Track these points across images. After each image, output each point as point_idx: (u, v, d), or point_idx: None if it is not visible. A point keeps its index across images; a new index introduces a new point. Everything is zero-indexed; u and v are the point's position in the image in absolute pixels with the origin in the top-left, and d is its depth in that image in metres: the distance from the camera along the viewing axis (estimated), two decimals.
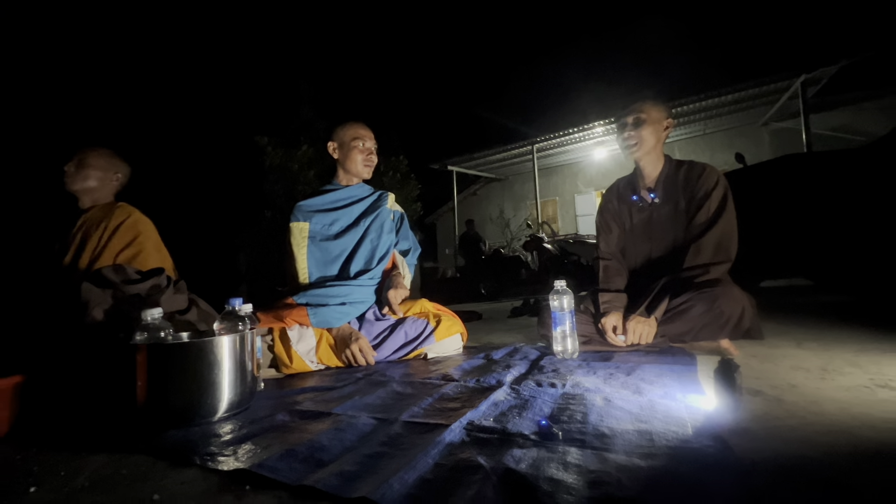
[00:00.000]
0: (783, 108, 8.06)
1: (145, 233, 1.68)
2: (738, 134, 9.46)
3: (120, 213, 1.69)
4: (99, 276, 1.05)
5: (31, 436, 0.87)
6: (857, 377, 0.94)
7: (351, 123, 1.79)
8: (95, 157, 1.67)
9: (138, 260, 1.60)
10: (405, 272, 1.76)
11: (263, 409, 0.99)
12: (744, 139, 9.37)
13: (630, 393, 0.92)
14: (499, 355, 1.44)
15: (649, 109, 1.51)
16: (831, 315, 1.89)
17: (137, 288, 1.06)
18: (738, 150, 9.19)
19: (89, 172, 1.65)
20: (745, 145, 9.26)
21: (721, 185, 1.45)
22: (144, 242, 1.65)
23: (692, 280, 1.31)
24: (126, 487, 0.64)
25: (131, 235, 1.64)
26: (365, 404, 0.97)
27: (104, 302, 1.02)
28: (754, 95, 7.58)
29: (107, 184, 1.72)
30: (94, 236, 1.63)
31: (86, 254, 1.61)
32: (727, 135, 9.63)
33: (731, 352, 1.22)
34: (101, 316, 1.00)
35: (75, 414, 0.93)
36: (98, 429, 0.88)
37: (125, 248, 1.62)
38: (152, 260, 1.64)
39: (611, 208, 1.69)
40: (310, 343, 1.45)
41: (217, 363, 0.93)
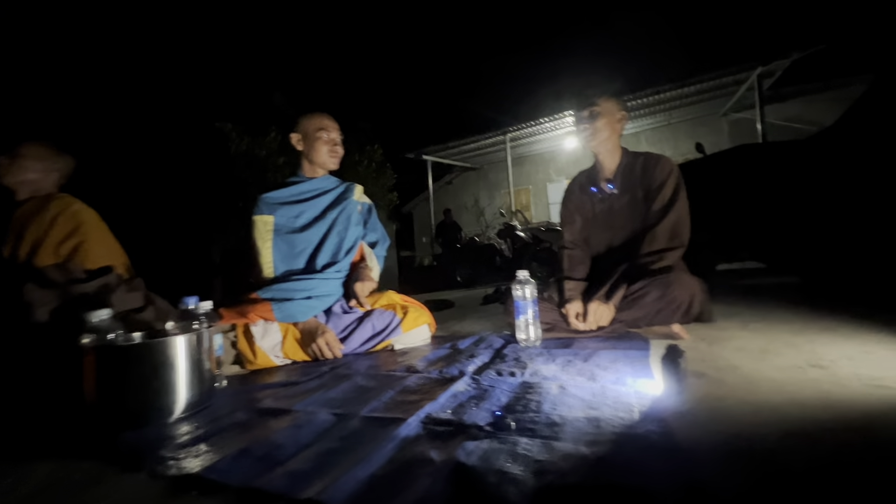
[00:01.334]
0: (741, 100, 8.38)
1: (87, 223, 1.59)
2: (701, 124, 9.79)
3: (58, 203, 1.59)
4: (42, 275, 0.99)
5: None
6: (792, 357, 1.01)
7: (315, 114, 1.75)
8: (31, 150, 1.57)
9: (81, 251, 1.52)
10: (373, 264, 1.75)
11: (223, 407, 0.97)
12: (705, 129, 9.72)
13: (585, 379, 0.96)
14: (464, 345, 1.46)
15: (603, 103, 1.55)
16: (777, 296, 2.01)
17: (84, 288, 1.01)
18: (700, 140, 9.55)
19: (25, 164, 1.55)
20: (707, 134, 9.61)
21: (674, 174, 1.50)
22: (87, 233, 1.56)
23: (648, 267, 1.37)
24: (74, 495, 0.62)
25: (71, 226, 1.56)
26: (326, 399, 0.97)
27: (49, 302, 0.97)
28: (714, 87, 7.86)
29: (46, 176, 1.62)
30: (32, 228, 1.54)
31: (24, 247, 1.52)
32: (690, 124, 9.95)
33: (682, 336, 1.28)
34: (47, 317, 0.96)
35: (24, 418, 0.89)
36: (49, 433, 0.85)
37: (66, 239, 1.53)
38: (96, 251, 1.56)
39: (574, 199, 1.73)
40: (275, 338, 1.42)
41: (170, 364, 0.91)
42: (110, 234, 1.72)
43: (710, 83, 7.74)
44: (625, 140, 1.61)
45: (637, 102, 8.65)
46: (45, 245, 1.50)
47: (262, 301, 1.45)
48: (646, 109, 9.19)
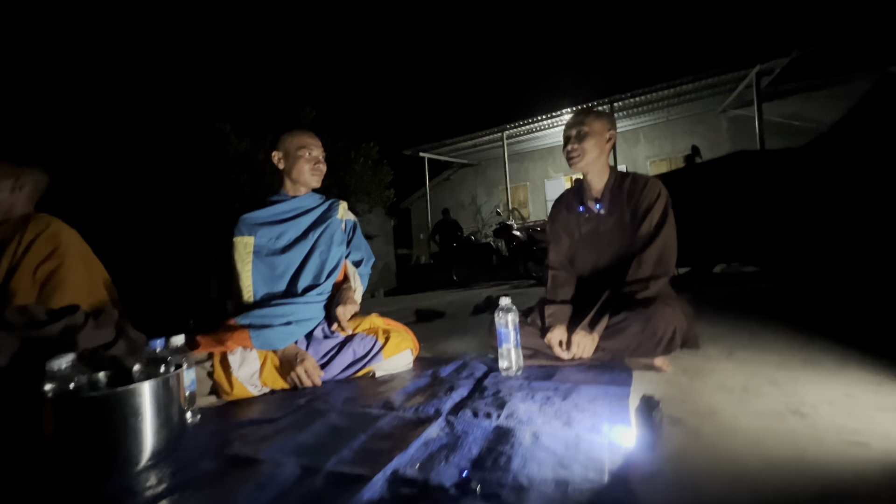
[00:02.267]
0: (740, 97, 8.32)
1: (66, 243, 1.56)
2: (699, 121, 9.73)
3: (36, 224, 1.57)
4: (2, 319, 0.97)
5: None
6: (773, 399, 0.99)
7: (296, 132, 1.72)
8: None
9: (59, 273, 1.50)
10: (356, 284, 1.72)
11: (191, 452, 0.95)
12: (704, 126, 9.66)
13: (560, 424, 0.94)
14: (446, 372, 1.44)
15: (592, 122, 1.51)
16: (764, 311, 1.99)
17: (46, 331, 0.99)
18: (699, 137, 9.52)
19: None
20: (705, 131, 9.57)
21: (662, 197, 1.47)
22: (65, 254, 1.53)
23: (632, 295, 1.34)
24: None
25: (50, 247, 1.53)
26: (297, 444, 0.94)
27: (10, 346, 0.95)
28: (713, 84, 7.80)
29: (14, 195, 1.58)
30: (9, 251, 1.51)
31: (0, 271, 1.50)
32: (689, 121, 9.89)
33: (664, 368, 1.26)
34: (6, 361, 0.93)
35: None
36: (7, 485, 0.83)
37: (44, 261, 1.51)
38: (75, 274, 1.54)
39: (560, 218, 1.70)
40: (253, 366, 1.40)
41: (135, 413, 0.88)
42: (91, 253, 1.69)
43: (708, 80, 7.67)
44: (623, 137, 1.60)
45: (635, 100, 8.59)
46: (21, 269, 1.47)
47: (239, 328, 1.42)
48: (644, 106, 9.13)
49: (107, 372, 1.01)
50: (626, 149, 10.65)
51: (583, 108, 1.60)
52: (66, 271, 1.52)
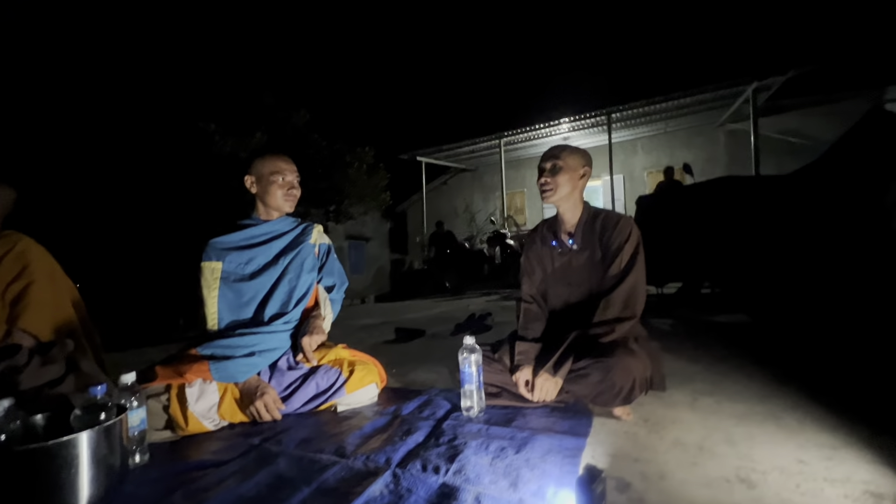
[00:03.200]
0: (738, 111, 8.33)
1: (34, 261, 1.55)
2: (697, 133, 9.74)
3: (4, 243, 1.55)
4: None
5: None
6: (725, 462, 0.97)
7: (269, 156, 1.69)
8: None
9: (29, 293, 1.48)
10: (326, 312, 1.70)
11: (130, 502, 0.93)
12: (702, 138, 9.67)
13: (507, 486, 0.92)
14: (408, 409, 1.42)
15: (567, 157, 1.50)
16: (739, 350, 1.97)
17: None
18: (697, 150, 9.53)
19: None
20: (703, 144, 9.58)
21: (633, 238, 1.46)
22: (34, 273, 1.52)
23: (597, 339, 1.33)
24: None
25: (19, 266, 1.51)
26: (235, 498, 0.93)
27: None
28: (711, 99, 7.81)
29: None
30: None
31: None
32: (687, 133, 9.90)
33: (624, 417, 1.25)
34: None
35: None
36: None
37: (13, 281, 1.49)
38: (44, 291, 1.52)
39: (534, 250, 1.69)
40: (211, 399, 1.38)
41: (69, 465, 0.86)
42: (59, 270, 1.67)
43: (706, 95, 7.68)
44: (621, 148, 1.59)
45: (634, 112, 8.59)
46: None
47: (200, 359, 1.40)
48: (642, 118, 9.14)
49: (45, 414, 0.98)
50: (623, 159, 10.65)
51: (559, 145, 1.59)
52: (35, 290, 1.50)
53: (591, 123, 9.30)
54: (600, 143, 10.13)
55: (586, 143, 10.49)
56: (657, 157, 10.54)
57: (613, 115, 8.70)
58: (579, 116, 8.88)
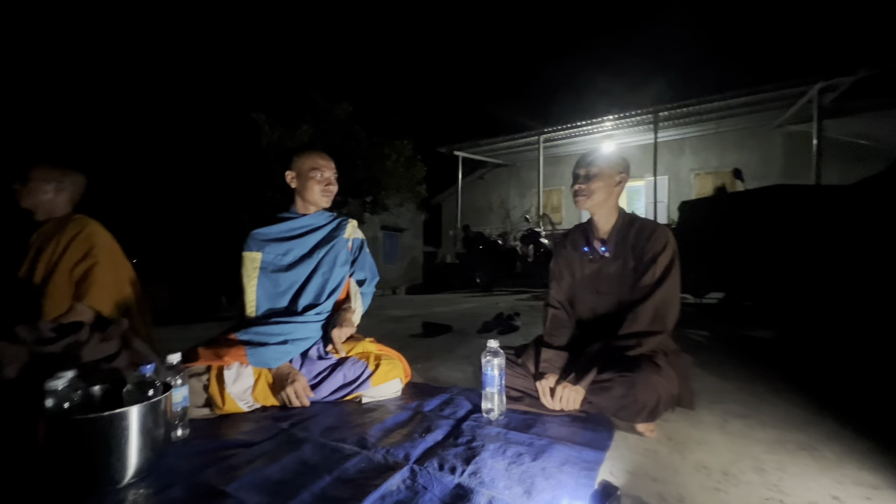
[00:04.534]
0: (798, 113, 7.76)
1: (99, 245, 1.70)
2: (751, 134, 9.16)
3: (74, 226, 1.71)
4: (13, 334, 1.06)
5: None
6: (751, 491, 0.94)
7: (309, 153, 1.76)
8: (39, 172, 1.68)
9: (93, 273, 1.63)
10: (356, 305, 1.75)
11: (167, 475, 1.01)
12: (756, 140, 9.09)
13: (521, 492, 0.93)
14: (430, 406, 1.45)
15: (602, 164, 1.47)
16: (778, 371, 1.86)
17: (52, 348, 1.07)
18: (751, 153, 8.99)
19: (36, 187, 1.66)
20: (757, 147, 9.01)
21: (669, 249, 1.41)
22: (98, 255, 1.67)
23: (623, 351, 1.30)
24: None
25: (85, 248, 1.67)
26: (263, 479, 0.99)
27: (19, 359, 1.04)
28: (770, 99, 7.31)
29: (57, 196, 1.72)
30: (48, 250, 1.66)
31: (40, 267, 1.64)
32: (740, 134, 9.33)
33: (647, 434, 1.22)
34: (15, 374, 1.02)
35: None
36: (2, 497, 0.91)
37: (80, 261, 1.64)
38: (106, 272, 1.67)
39: (565, 255, 1.67)
40: (247, 382, 1.47)
41: (120, 435, 0.95)
42: (120, 253, 1.82)
43: (765, 94, 7.20)
44: (667, 147, 1.55)
45: (683, 111, 8.19)
46: (59, 268, 1.61)
47: (237, 343, 1.49)
48: (692, 117, 8.70)
49: (103, 386, 1.08)
50: (669, 159, 10.19)
51: (594, 150, 1.56)
52: (99, 271, 1.65)
53: (637, 122, 8.95)
54: (645, 141, 9.75)
55: (630, 141, 10.12)
56: (705, 159, 10.02)
57: (661, 114, 8.33)
58: (624, 114, 8.57)
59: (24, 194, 1.69)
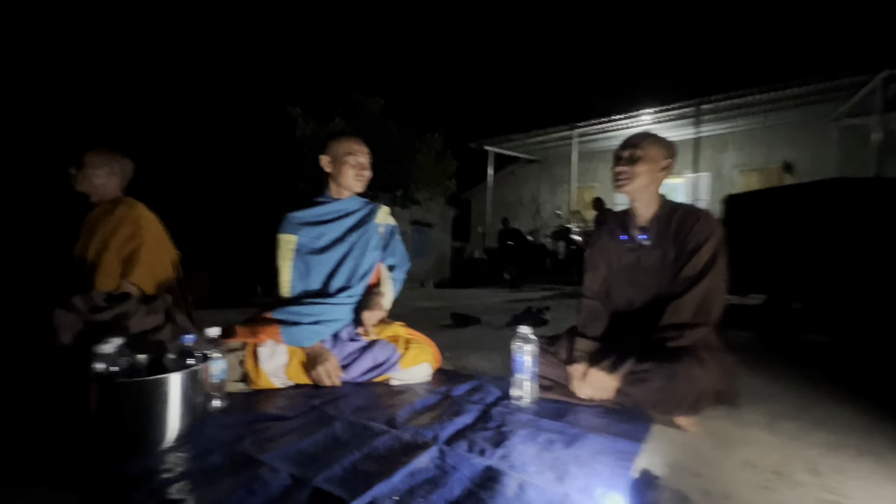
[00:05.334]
0: (858, 104, 7.20)
1: (146, 227, 1.79)
2: (802, 128, 8.58)
3: (123, 208, 1.80)
4: (69, 303, 1.12)
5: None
6: (806, 492, 0.87)
7: (344, 138, 1.78)
8: (93, 157, 1.77)
9: (139, 253, 1.72)
10: (387, 290, 1.77)
11: (206, 441, 1.05)
12: (808, 134, 8.50)
13: (553, 478, 0.90)
14: (458, 392, 1.44)
15: (648, 146, 1.40)
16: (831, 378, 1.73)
17: (103, 316, 1.13)
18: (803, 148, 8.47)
19: (89, 172, 1.76)
20: (809, 141, 8.44)
21: (714, 237, 1.33)
22: (145, 237, 1.76)
23: (663, 343, 1.24)
24: None
25: (132, 230, 1.75)
26: (297, 451, 1.00)
27: (74, 327, 1.10)
28: (826, 89, 6.81)
29: (109, 181, 1.82)
30: (99, 231, 1.76)
31: (92, 246, 1.74)
32: (789, 128, 8.76)
33: (687, 428, 1.16)
34: (70, 340, 1.09)
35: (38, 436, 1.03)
36: (56, 453, 0.97)
37: (127, 241, 1.73)
38: (151, 252, 1.76)
39: (601, 244, 1.61)
40: (281, 360, 1.50)
41: (162, 399, 0.99)
42: (164, 235, 1.91)
43: (820, 85, 6.73)
44: (709, 142, 1.47)
45: (728, 103, 7.78)
46: (109, 247, 1.71)
47: (272, 322, 1.52)
48: (737, 110, 8.25)
49: (148, 356, 1.13)
50: (711, 154, 9.73)
51: (640, 132, 1.48)
52: (144, 251, 1.73)
53: (677, 115, 8.57)
54: (685, 136, 9.34)
55: (671, 136, 9.71)
56: (751, 155, 9.49)
57: (703, 107, 7.95)
58: (664, 107, 8.23)
59: (80, 179, 1.79)
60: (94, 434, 0.97)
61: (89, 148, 1.85)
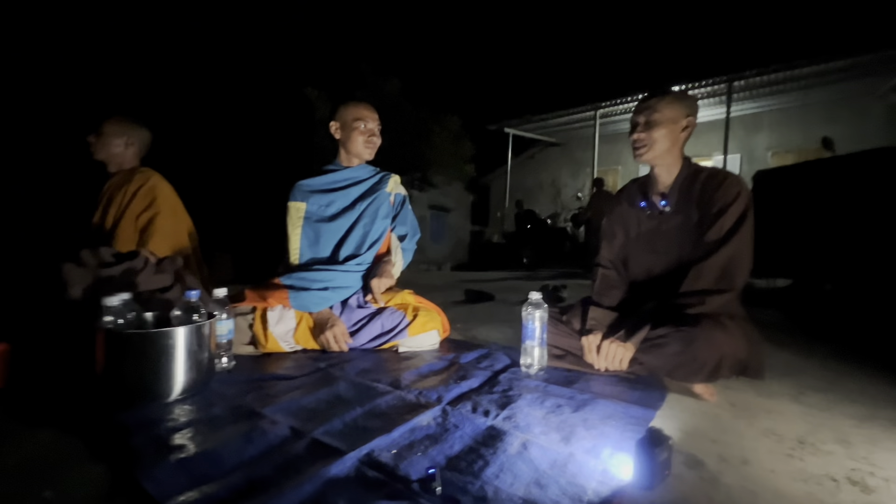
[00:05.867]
0: None
1: (162, 196, 1.80)
2: (843, 106, 8.06)
3: (139, 177, 1.82)
4: (78, 258, 1.13)
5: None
6: (833, 461, 0.81)
7: (353, 104, 1.74)
8: (111, 126, 1.78)
9: (155, 222, 1.74)
10: (397, 259, 1.74)
11: (211, 396, 1.05)
12: (849, 112, 7.99)
13: (558, 439, 0.86)
14: (466, 359, 1.41)
15: (664, 107, 1.31)
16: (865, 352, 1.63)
17: (111, 271, 1.14)
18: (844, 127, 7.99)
19: (108, 140, 1.77)
20: (851, 119, 7.93)
21: (741, 200, 1.24)
22: (161, 206, 1.78)
23: (683, 309, 1.17)
24: (36, 476, 0.71)
25: (149, 199, 1.77)
26: (299, 407, 1.00)
27: (84, 281, 1.11)
28: (870, 63, 6.35)
29: (126, 150, 1.83)
30: (117, 200, 1.78)
31: (110, 215, 1.77)
32: (829, 107, 8.25)
33: (706, 397, 1.10)
34: (80, 294, 1.10)
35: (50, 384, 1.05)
36: (63, 400, 0.99)
37: (144, 210, 1.75)
38: (167, 223, 1.77)
39: (619, 212, 1.53)
40: (289, 325, 1.50)
41: (168, 351, 0.99)
42: (180, 205, 1.93)
43: (866, 57, 6.26)
44: (741, 123, 1.38)
45: (763, 79, 7.36)
46: (125, 216, 1.73)
47: (281, 287, 1.52)
48: (772, 87, 7.80)
49: (156, 313, 1.14)
50: (742, 136, 9.27)
51: (654, 93, 1.38)
52: (160, 220, 1.75)
53: (707, 93, 8.17)
54: (715, 116, 8.93)
55: (698, 116, 9.30)
56: (786, 135, 8.99)
57: (735, 84, 7.55)
58: (692, 85, 7.85)
59: (98, 147, 1.81)
60: (100, 384, 0.99)
61: (108, 117, 1.86)
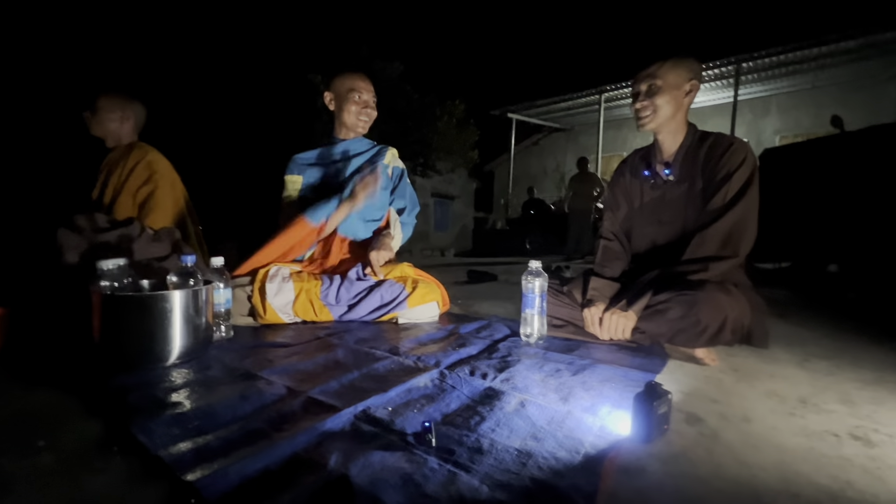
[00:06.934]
0: None
1: (160, 171, 1.79)
2: (855, 88, 7.89)
3: (137, 153, 1.80)
4: (73, 223, 1.13)
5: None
6: (836, 419, 0.79)
7: (348, 74, 1.71)
8: (107, 101, 1.76)
9: (154, 196, 1.73)
10: (396, 232, 1.72)
11: (209, 360, 1.05)
12: (862, 95, 7.82)
13: (556, 398, 0.85)
14: (466, 329, 1.40)
15: (666, 73, 1.26)
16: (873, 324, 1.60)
17: (106, 237, 1.13)
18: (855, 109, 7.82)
19: (103, 116, 1.75)
20: (864, 101, 7.75)
21: (747, 166, 1.21)
22: (159, 180, 1.76)
23: (685, 276, 1.15)
24: (30, 427, 0.71)
25: (147, 174, 1.76)
26: (296, 370, 0.99)
27: (79, 246, 1.11)
28: (884, 42, 6.18)
29: (122, 125, 1.82)
30: (115, 175, 1.77)
31: (108, 190, 1.76)
32: (841, 88, 8.08)
33: (707, 362, 1.08)
34: (76, 259, 1.09)
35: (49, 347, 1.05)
36: (60, 362, 0.99)
37: (142, 185, 1.74)
38: (165, 197, 1.76)
39: (622, 182, 1.51)
40: (288, 297, 1.49)
41: (163, 316, 0.99)
42: (178, 180, 1.91)
43: (881, 36, 6.10)
44: (749, 106, 1.34)
45: (772, 60, 7.20)
46: (124, 191, 1.72)
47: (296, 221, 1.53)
48: (781, 68, 7.64)
49: (151, 281, 1.14)
50: (750, 119, 9.11)
51: (655, 59, 1.33)
52: (159, 195, 1.74)
53: (714, 76, 8.02)
54: (722, 100, 8.78)
55: (704, 100, 9.15)
56: (796, 118, 8.83)
57: (744, 65, 7.39)
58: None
59: (94, 123, 1.80)
60: (97, 348, 0.99)
61: (103, 92, 1.84)
